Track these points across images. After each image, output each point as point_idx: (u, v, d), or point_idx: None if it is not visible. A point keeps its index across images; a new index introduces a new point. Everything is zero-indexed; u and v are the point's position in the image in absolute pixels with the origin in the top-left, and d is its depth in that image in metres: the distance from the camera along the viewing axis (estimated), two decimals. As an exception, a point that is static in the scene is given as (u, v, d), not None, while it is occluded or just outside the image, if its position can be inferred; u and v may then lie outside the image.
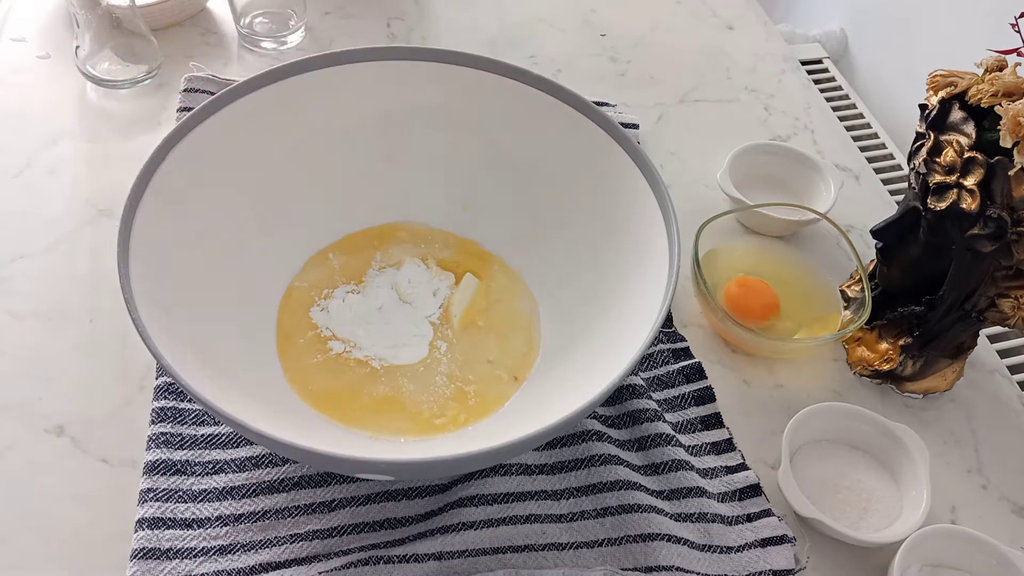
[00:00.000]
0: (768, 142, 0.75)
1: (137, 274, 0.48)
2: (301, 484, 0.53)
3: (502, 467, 0.54)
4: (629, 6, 0.93)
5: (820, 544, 0.55)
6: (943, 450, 0.61)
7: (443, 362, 0.59)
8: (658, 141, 0.80)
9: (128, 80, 0.75)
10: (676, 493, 0.55)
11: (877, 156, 0.89)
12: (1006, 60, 0.54)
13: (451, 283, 0.62)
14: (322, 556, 0.50)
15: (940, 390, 0.64)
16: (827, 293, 0.66)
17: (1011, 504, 0.59)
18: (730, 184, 0.70)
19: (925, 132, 0.56)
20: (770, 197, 0.73)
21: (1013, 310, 0.57)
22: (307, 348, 0.58)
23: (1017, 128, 0.50)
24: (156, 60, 0.76)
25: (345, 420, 0.55)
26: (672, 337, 0.64)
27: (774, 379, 0.64)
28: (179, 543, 0.50)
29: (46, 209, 0.66)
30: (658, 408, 0.58)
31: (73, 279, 0.62)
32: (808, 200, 0.72)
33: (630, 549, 0.52)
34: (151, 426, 0.54)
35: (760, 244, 0.68)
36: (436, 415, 0.56)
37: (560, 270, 0.62)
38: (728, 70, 0.88)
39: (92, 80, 0.75)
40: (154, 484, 0.52)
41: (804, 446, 0.58)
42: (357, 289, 0.61)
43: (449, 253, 0.64)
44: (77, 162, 0.70)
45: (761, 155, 0.74)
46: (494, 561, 0.51)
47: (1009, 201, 0.52)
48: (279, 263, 0.61)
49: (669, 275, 0.52)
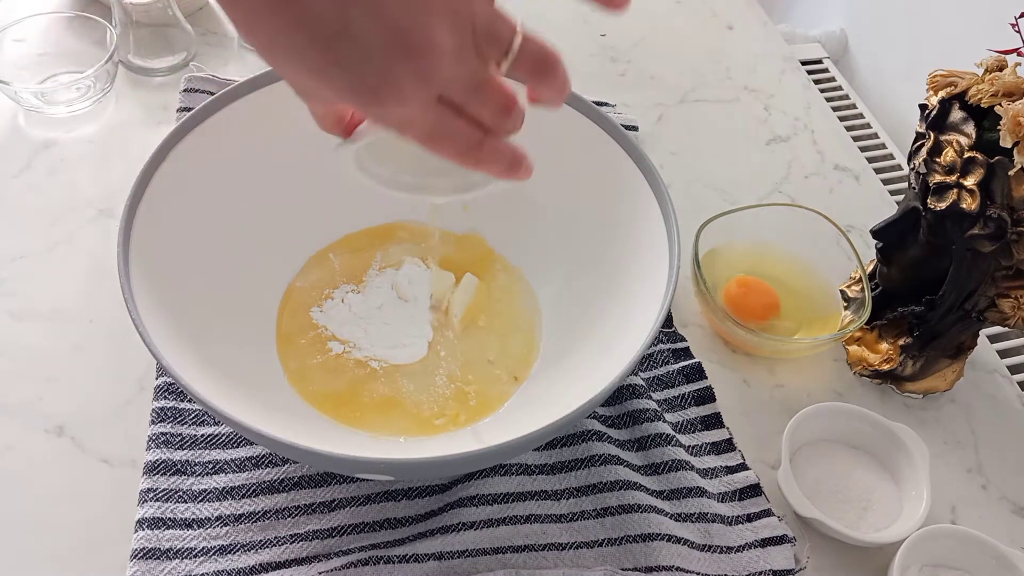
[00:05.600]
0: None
1: (137, 274, 0.48)
2: (301, 484, 0.53)
3: (502, 467, 0.54)
4: (629, 6, 0.93)
5: (820, 544, 0.55)
6: (943, 450, 0.61)
7: (443, 362, 0.59)
8: (658, 141, 0.79)
9: (165, 68, 0.76)
10: (676, 493, 0.55)
11: (877, 156, 0.88)
12: (1006, 60, 0.54)
13: (451, 283, 0.62)
14: (322, 556, 0.50)
15: (940, 390, 0.64)
16: (827, 293, 0.66)
17: (1011, 504, 0.59)
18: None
19: (925, 132, 0.56)
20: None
21: (1013, 310, 0.57)
22: (307, 348, 0.58)
23: (1017, 128, 0.50)
24: (192, 47, 0.78)
25: (345, 420, 0.55)
26: (672, 337, 0.64)
27: (774, 379, 0.64)
28: (179, 543, 0.50)
29: (46, 209, 0.66)
30: (658, 408, 0.58)
31: (73, 279, 0.62)
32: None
33: (630, 549, 0.52)
34: (151, 426, 0.54)
35: (760, 244, 0.68)
36: (436, 415, 0.56)
37: (560, 270, 0.62)
38: (728, 70, 0.88)
39: (130, 69, 0.76)
40: (154, 484, 0.52)
41: (804, 446, 0.58)
42: (357, 289, 0.61)
43: (449, 253, 0.64)
44: (77, 162, 0.70)
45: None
46: (494, 561, 0.51)
47: (1009, 201, 0.52)
48: (279, 263, 0.61)
49: (669, 275, 0.52)
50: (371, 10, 0.33)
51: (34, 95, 0.71)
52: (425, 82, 0.35)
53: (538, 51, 0.37)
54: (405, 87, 0.35)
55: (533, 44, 0.37)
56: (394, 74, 0.34)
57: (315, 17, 0.33)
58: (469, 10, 0.35)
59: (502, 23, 0.37)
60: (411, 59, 0.34)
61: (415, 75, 0.34)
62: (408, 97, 0.35)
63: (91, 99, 0.73)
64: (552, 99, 0.40)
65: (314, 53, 0.34)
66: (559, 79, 0.39)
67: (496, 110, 0.38)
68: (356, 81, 0.35)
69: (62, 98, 0.72)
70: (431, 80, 0.35)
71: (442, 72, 0.35)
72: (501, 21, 0.37)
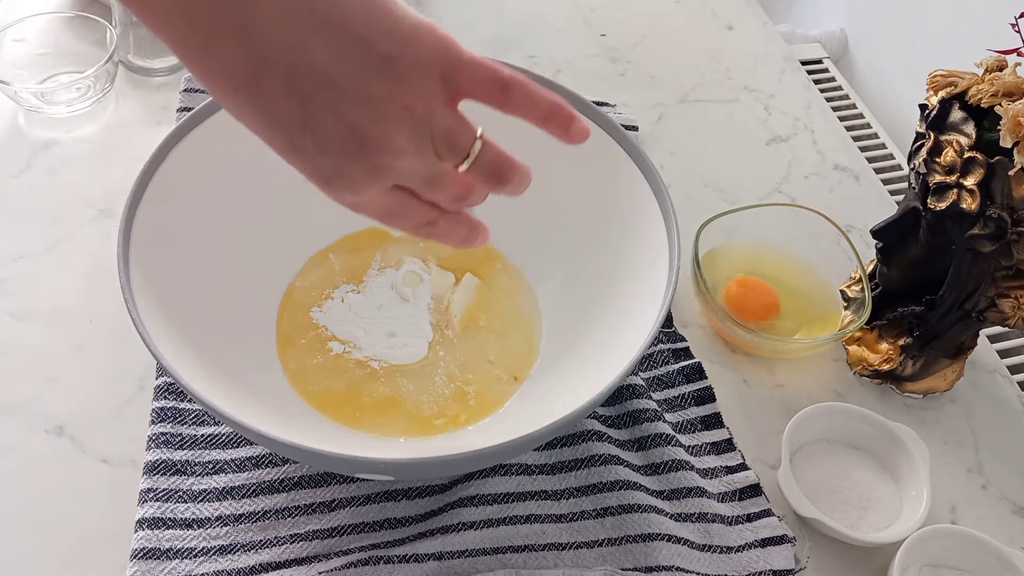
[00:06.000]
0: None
1: (137, 274, 0.48)
2: (301, 484, 0.53)
3: (502, 467, 0.54)
4: (629, 6, 0.93)
5: (820, 544, 0.55)
6: (943, 450, 0.61)
7: (443, 362, 0.59)
8: (658, 141, 0.79)
9: (165, 68, 0.76)
10: (676, 493, 0.55)
11: (877, 156, 0.88)
12: (1006, 60, 0.54)
13: (451, 283, 0.62)
14: (322, 556, 0.50)
15: (940, 390, 0.64)
16: (827, 293, 0.66)
17: (1011, 504, 0.59)
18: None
19: (925, 132, 0.56)
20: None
21: (1013, 310, 0.57)
22: (307, 348, 0.58)
23: (1017, 128, 0.50)
24: None
25: (345, 420, 0.55)
26: (672, 337, 0.64)
27: (774, 379, 0.64)
28: (179, 543, 0.50)
29: (46, 209, 0.66)
30: (658, 408, 0.58)
31: (73, 279, 0.62)
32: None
33: (630, 549, 0.52)
34: (151, 426, 0.54)
35: (760, 244, 0.68)
36: (436, 415, 0.56)
37: (559, 270, 0.62)
38: (728, 70, 0.88)
39: (130, 69, 0.76)
40: (154, 484, 0.52)
41: (804, 446, 0.58)
42: (357, 289, 0.61)
43: (449, 253, 0.64)
44: (77, 162, 0.70)
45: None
46: (494, 561, 0.51)
47: (1009, 201, 0.52)
48: (279, 263, 0.61)
49: (669, 275, 0.52)
50: (332, 111, 0.35)
51: (34, 95, 0.71)
52: (376, 178, 0.37)
53: (497, 158, 0.39)
54: (358, 181, 0.37)
55: (492, 151, 0.39)
56: (347, 169, 0.36)
57: (280, 109, 0.36)
58: (429, 117, 0.37)
59: (462, 129, 0.38)
60: (363, 157, 0.36)
61: (367, 172, 0.36)
62: (360, 190, 0.37)
63: (91, 99, 0.73)
64: (509, 193, 0.41)
65: (278, 136, 0.37)
66: (517, 182, 0.40)
67: (453, 197, 0.39)
68: (312, 169, 0.37)
69: (62, 98, 0.72)
70: (383, 176, 0.37)
71: (396, 169, 0.37)
72: (461, 127, 0.38)
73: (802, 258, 0.68)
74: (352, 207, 0.39)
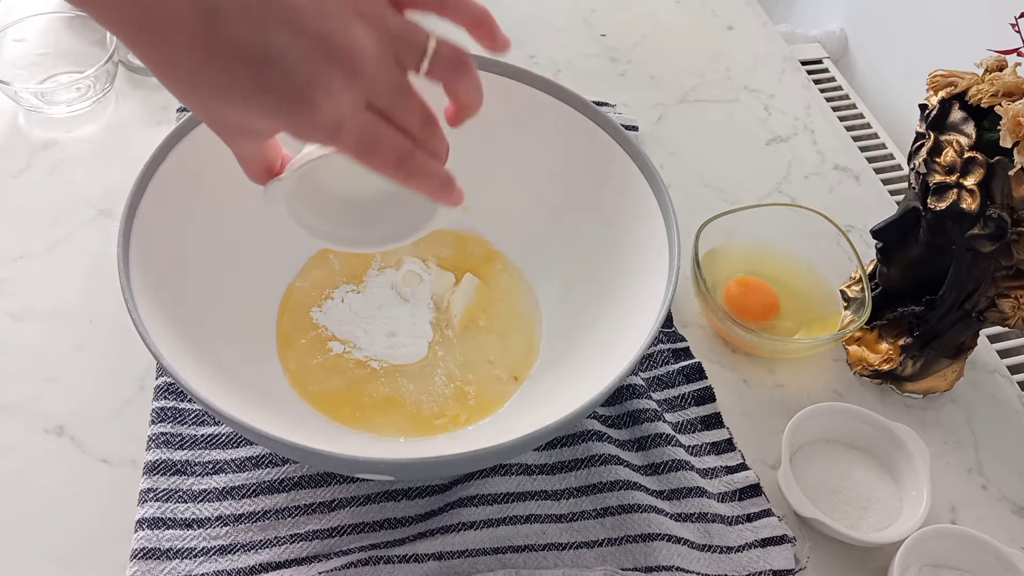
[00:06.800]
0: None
1: (137, 274, 0.48)
2: (301, 484, 0.53)
3: (502, 467, 0.54)
4: (629, 6, 0.93)
5: (820, 544, 0.55)
6: (943, 450, 0.61)
7: (443, 362, 0.59)
8: (658, 141, 0.80)
9: None
10: (676, 493, 0.55)
11: (877, 156, 0.88)
12: (1006, 60, 0.54)
13: (451, 283, 0.62)
14: (322, 556, 0.50)
15: (940, 390, 0.64)
16: (827, 293, 0.66)
17: (1011, 504, 0.59)
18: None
19: (925, 132, 0.56)
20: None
21: (1013, 310, 0.57)
22: (307, 348, 0.58)
23: (1017, 128, 0.50)
24: None
25: (345, 420, 0.55)
26: (672, 337, 0.64)
27: (774, 379, 0.64)
28: (179, 543, 0.50)
29: (46, 209, 0.66)
30: (658, 408, 0.58)
31: (73, 279, 0.62)
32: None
33: (630, 549, 0.52)
34: (151, 426, 0.54)
35: (760, 244, 0.68)
36: (436, 415, 0.56)
37: (560, 270, 0.62)
38: (728, 70, 0.88)
39: (130, 69, 0.76)
40: (154, 484, 0.52)
41: (804, 446, 0.58)
42: (357, 289, 0.61)
43: (449, 253, 0.64)
44: (77, 162, 0.70)
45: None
46: (494, 561, 0.51)
47: (1009, 201, 0.52)
48: (279, 263, 0.61)
49: (669, 275, 0.52)
50: (290, 27, 0.34)
51: (34, 95, 0.71)
52: (352, 80, 0.36)
53: (453, 52, 0.39)
54: (333, 86, 0.35)
55: (447, 46, 0.39)
56: (321, 76, 0.35)
57: (238, 44, 0.34)
58: (381, 19, 0.37)
59: (415, 28, 0.38)
60: (336, 61, 0.35)
61: (342, 74, 0.35)
62: (337, 94, 0.36)
63: (91, 99, 0.73)
64: (472, 97, 0.41)
65: (241, 79, 0.35)
66: (475, 75, 0.40)
67: (421, 119, 0.39)
68: (283, 94, 0.35)
69: (62, 98, 0.72)
70: (358, 78, 0.36)
71: (367, 73, 0.36)
72: (413, 26, 0.38)
73: (802, 258, 0.68)
74: (331, 132, 0.37)
